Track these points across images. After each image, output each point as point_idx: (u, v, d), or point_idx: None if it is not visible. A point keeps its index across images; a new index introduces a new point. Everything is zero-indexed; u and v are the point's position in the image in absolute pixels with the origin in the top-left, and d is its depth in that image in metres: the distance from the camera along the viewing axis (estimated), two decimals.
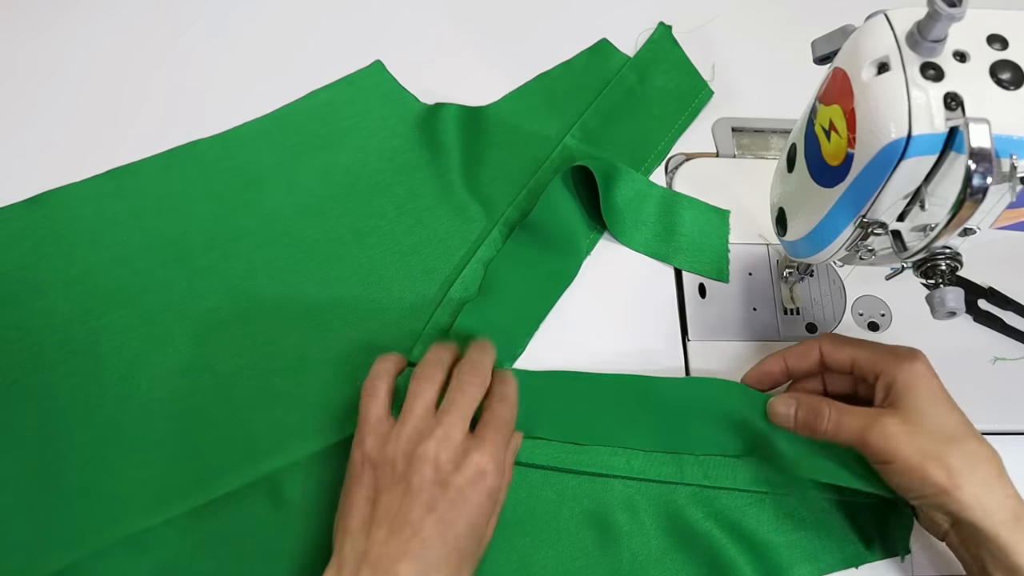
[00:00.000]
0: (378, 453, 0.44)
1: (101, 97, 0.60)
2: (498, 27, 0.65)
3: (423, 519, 0.41)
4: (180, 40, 0.62)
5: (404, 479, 0.42)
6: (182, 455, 0.49)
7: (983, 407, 0.49)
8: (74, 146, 0.58)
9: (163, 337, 0.52)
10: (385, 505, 0.42)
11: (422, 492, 0.42)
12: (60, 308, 0.52)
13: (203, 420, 0.50)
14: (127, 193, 0.55)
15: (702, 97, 0.64)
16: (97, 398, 0.50)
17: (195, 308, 0.52)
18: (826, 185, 0.43)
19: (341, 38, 0.64)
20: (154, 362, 0.51)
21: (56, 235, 0.54)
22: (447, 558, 0.41)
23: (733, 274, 0.57)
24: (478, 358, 0.48)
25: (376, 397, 0.46)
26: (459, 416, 0.44)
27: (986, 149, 0.35)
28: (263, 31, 0.63)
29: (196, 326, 0.52)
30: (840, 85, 0.40)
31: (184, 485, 0.48)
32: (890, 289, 0.57)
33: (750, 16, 0.68)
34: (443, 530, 0.41)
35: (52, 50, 0.61)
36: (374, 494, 0.43)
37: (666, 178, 0.61)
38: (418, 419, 0.44)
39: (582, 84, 0.63)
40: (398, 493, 0.42)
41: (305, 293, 0.54)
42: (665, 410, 0.51)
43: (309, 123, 0.59)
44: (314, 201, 0.56)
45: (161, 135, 0.58)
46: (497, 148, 0.60)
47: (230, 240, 0.54)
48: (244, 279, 0.54)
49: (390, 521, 0.42)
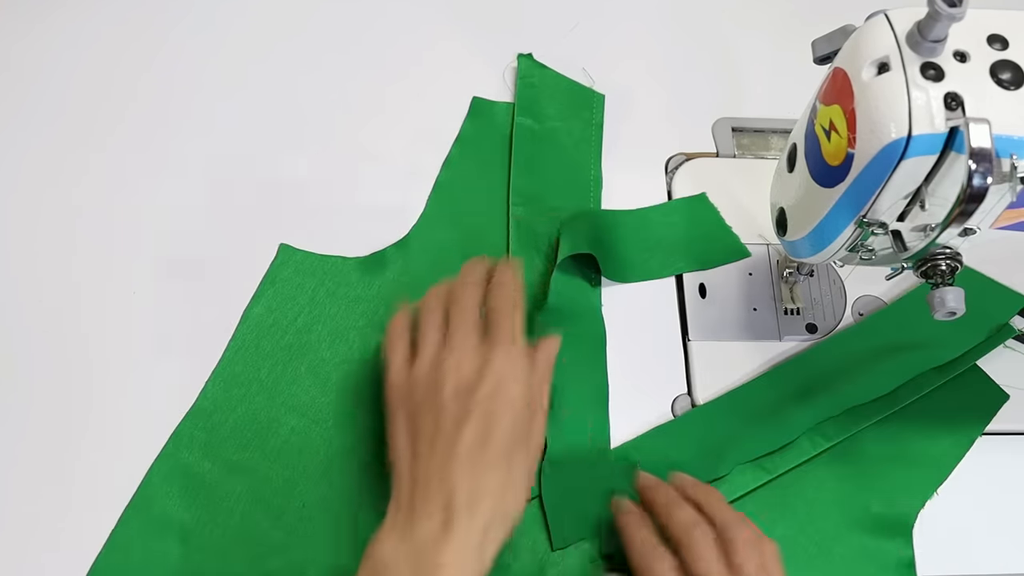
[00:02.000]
0: (406, 388, 0.46)
1: (88, 97, 0.60)
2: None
3: (453, 434, 0.43)
4: (168, 39, 0.62)
5: (431, 400, 0.44)
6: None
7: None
8: (61, 146, 0.58)
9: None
10: (420, 430, 0.44)
11: (446, 411, 0.44)
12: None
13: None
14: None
15: (597, 105, 0.63)
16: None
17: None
18: (826, 185, 0.43)
19: (331, 33, 0.64)
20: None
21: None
22: (489, 460, 0.43)
23: (733, 274, 0.57)
24: (470, 269, 0.50)
25: (396, 350, 0.48)
26: (464, 328, 0.46)
27: (986, 149, 0.35)
28: (253, 28, 0.63)
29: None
30: (840, 85, 0.40)
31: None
32: (890, 289, 0.57)
33: (750, 16, 0.68)
34: (480, 435, 0.43)
35: (40, 50, 0.61)
36: (408, 424, 0.45)
37: (666, 178, 0.61)
38: (432, 345, 0.47)
39: (488, 151, 0.60)
40: (429, 418, 0.44)
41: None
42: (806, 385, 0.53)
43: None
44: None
45: (148, 135, 0.59)
46: (452, 252, 0.57)
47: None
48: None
49: (430, 439, 0.44)
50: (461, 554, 0.41)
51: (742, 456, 0.51)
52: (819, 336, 0.55)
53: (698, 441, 0.51)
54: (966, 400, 0.54)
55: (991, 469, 0.53)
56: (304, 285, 0.55)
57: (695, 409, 0.53)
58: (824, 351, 0.54)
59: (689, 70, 0.65)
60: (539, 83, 0.63)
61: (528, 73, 0.63)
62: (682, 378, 0.55)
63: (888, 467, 0.52)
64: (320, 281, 0.55)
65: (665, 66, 0.65)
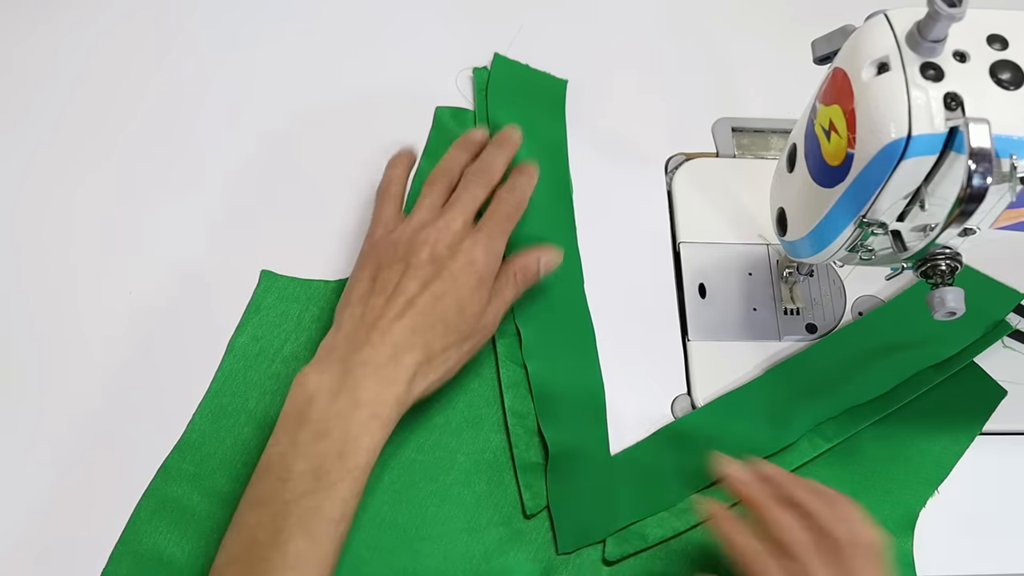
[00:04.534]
0: (384, 239, 0.49)
1: (95, 98, 0.60)
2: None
3: (419, 292, 0.46)
4: (177, 40, 0.62)
5: (403, 259, 0.47)
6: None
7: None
8: (67, 147, 0.58)
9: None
10: (384, 279, 0.47)
11: (418, 270, 0.47)
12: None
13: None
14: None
15: (559, 91, 0.62)
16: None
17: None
18: (826, 185, 0.43)
19: (341, 35, 0.64)
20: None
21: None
22: (436, 327, 0.46)
23: (733, 274, 0.57)
24: (491, 158, 0.52)
25: (389, 198, 0.52)
26: (460, 211, 0.49)
27: (986, 149, 0.35)
28: (263, 30, 0.63)
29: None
30: (840, 85, 0.40)
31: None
32: (890, 289, 0.57)
33: (750, 16, 0.68)
34: (435, 303, 0.46)
35: (45, 50, 0.61)
36: (375, 272, 0.48)
37: (666, 178, 0.61)
38: (424, 212, 0.49)
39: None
40: (397, 270, 0.47)
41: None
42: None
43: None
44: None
45: (157, 137, 0.59)
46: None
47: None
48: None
49: (387, 292, 0.46)
50: (383, 387, 0.44)
51: (742, 458, 0.51)
52: (819, 336, 0.55)
53: (698, 442, 0.51)
54: (964, 397, 0.54)
55: (991, 469, 0.53)
56: (289, 311, 0.54)
57: (695, 411, 0.53)
58: (822, 350, 0.54)
59: (689, 70, 0.65)
60: (501, 81, 0.61)
61: (496, 73, 0.62)
62: (682, 378, 0.55)
63: (888, 467, 0.52)
64: (305, 307, 0.54)
65: (665, 66, 0.65)
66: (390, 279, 0.47)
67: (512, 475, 0.50)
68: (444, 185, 0.51)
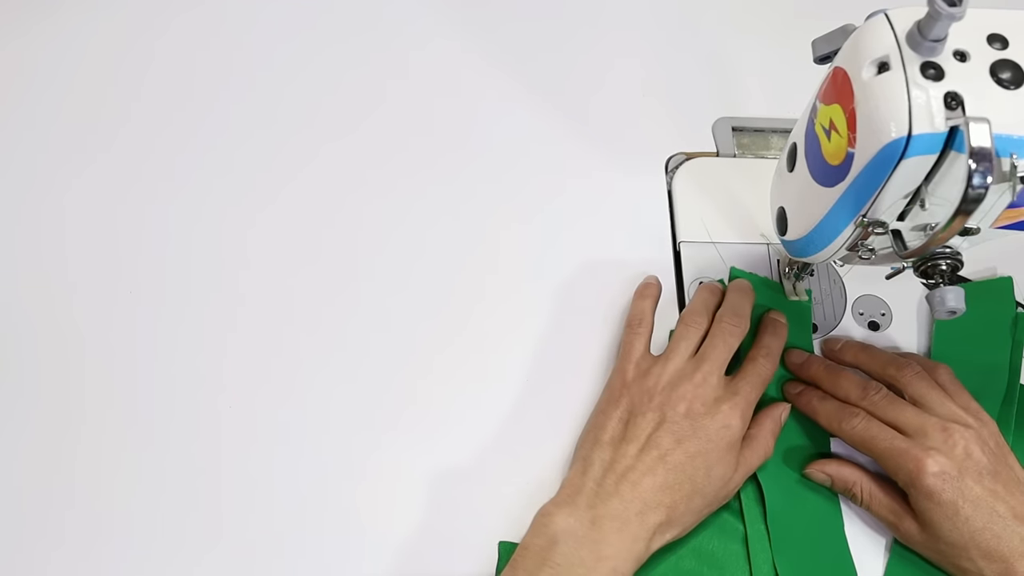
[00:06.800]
0: (638, 383, 0.48)
1: (89, 98, 0.60)
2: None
3: (672, 448, 0.46)
4: (172, 41, 0.62)
5: (659, 410, 0.47)
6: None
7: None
8: (61, 148, 0.58)
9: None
10: (637, 426, 0.47)
11: (674, 424, 0.46)
12: None
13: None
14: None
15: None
16: None
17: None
18: (826, 185, 0.43)
19: (337, 36, 0.64)
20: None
21: None
22: (683, 487, 0.45)
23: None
24: (739, 303, 0.51)
25: (640, 334, 0.51)
26: (716, 365, 0.49)
27: (986, 148, 0.35)
28: (259, 31, 0.63)
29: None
30: (840, 85, 0.40)
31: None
32: (890, 289, 0.57)
33: (750, 15, 0.68)
34: (686, 462, 0.45)
35: (38, 49, 0.61)
36: (628, 416, 0.47)
37: (666, 178, 0.61)
38: (680, 359, 0.49)
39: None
40: (651, 420, 0.47)
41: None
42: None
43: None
44: None
45: (150, 138, 0.59)
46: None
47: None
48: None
49: (640, 441, 0.46)
50: (627, 543, 0.43)
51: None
52: (819, 336, 0.55)
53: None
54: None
55: None
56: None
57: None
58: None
59: (689, 69, 0.65)
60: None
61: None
62: None
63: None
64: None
65: (665, 65, 0.65)
66: (643, 428, 0.46)
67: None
68: (701, 329, 0.51)
